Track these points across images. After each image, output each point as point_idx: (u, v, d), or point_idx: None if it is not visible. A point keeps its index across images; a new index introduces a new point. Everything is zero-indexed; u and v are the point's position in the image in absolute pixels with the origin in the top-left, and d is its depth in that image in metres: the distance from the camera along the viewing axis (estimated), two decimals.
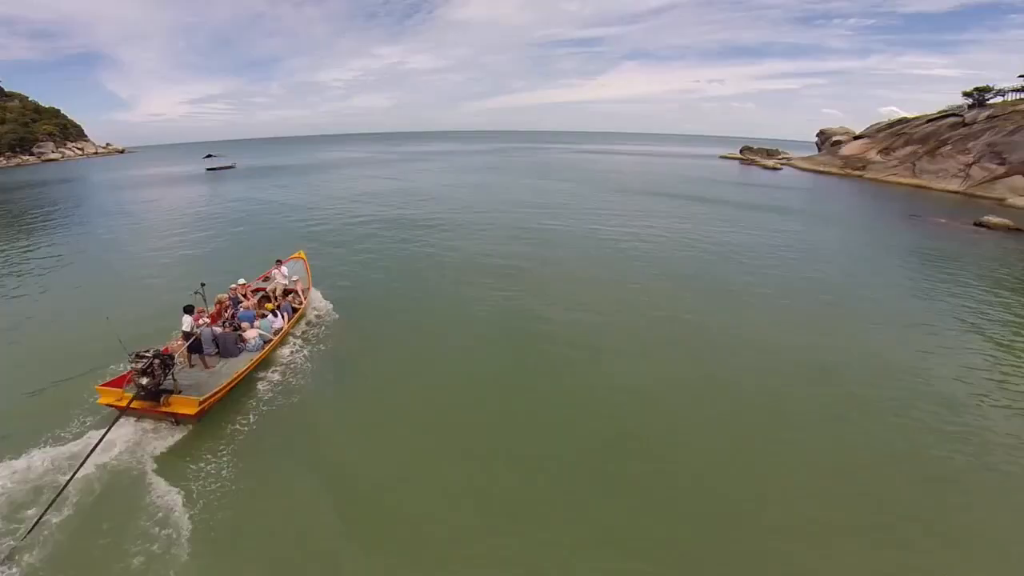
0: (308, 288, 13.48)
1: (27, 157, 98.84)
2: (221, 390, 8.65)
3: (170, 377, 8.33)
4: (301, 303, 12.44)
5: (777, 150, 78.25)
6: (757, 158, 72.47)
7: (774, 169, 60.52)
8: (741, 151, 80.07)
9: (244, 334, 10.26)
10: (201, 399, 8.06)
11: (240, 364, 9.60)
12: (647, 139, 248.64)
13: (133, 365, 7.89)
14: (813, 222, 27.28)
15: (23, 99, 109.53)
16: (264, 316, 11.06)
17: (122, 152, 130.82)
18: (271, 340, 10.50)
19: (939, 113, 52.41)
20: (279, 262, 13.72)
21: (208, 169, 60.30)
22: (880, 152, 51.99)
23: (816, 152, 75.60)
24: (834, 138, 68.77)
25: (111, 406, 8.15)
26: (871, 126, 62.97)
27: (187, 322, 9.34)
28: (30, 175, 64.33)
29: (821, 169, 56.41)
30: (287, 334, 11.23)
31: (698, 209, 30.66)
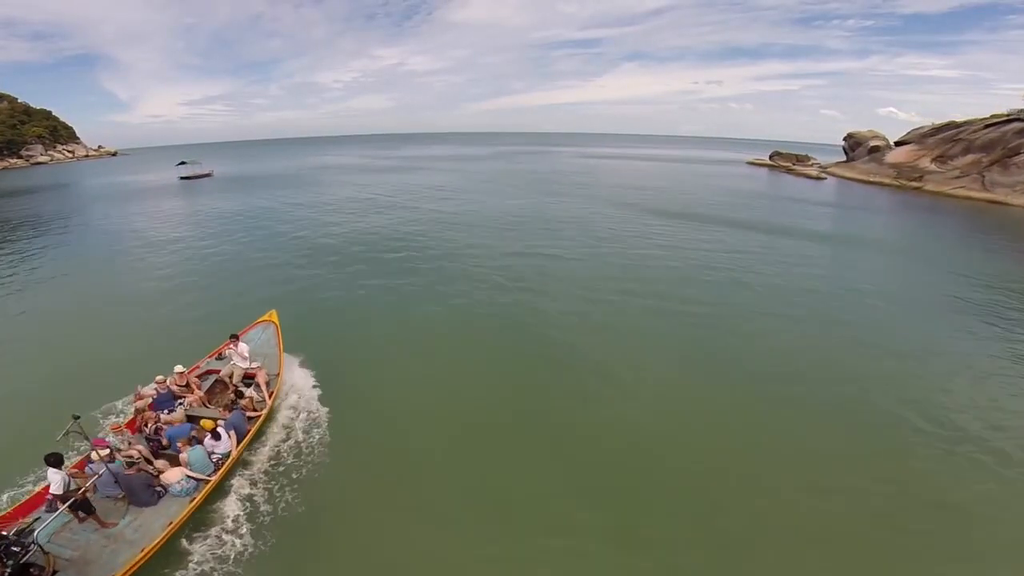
0: (280, 371, 10.03)
1: (15, 160, 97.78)
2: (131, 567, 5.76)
3: (35, 553, 5.48)
4: (264, 402, 9.09)
5: (807, 156, 74.69)
6: (793, 165, 68.81)
7: (817, 179, 56.35)
8: (771, 157, 76.45)
9: (163, 475, 7.12)
10: None
11: (156, 523, 6.66)
12: (653, 141, 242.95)
13: None
14: (911, 261, 22.43)
15: (12, 100, 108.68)
16: (199, 438, 7.81)
17: (114, 155, 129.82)
18: (209, 478, 7.32)
19: (996, 117, 48.75)
20: (235, 337, 10.15)
21: (181, 178, 55.43)
22: (935, 161, 48.33)
23: (844, 158, 73.35)
24: (871, 143, 65.57)
25: None
26: (913, 131, 59.66)
27: (56, 481, 6.35)
28: (8, 181, 61.98)
29: (871, 179, 52.56)
30: (237, 460, 7.93)
31: (773, 245, 23.50)
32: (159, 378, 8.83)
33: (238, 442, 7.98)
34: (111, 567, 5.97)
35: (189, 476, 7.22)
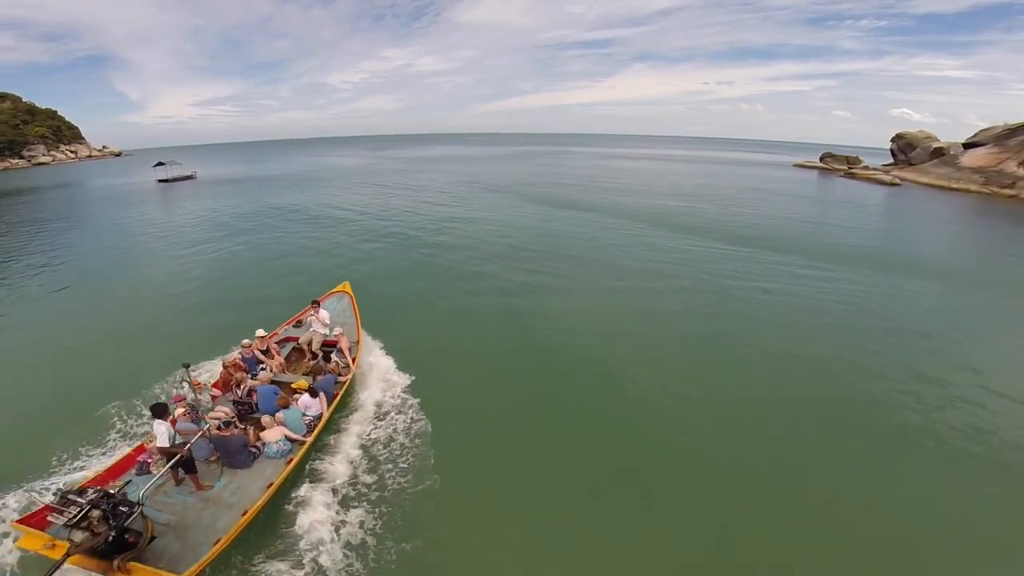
0: (358, 341, 10.40)
1: (16, 161, 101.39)
2: (220, 545, 5.66)
3: (138, 516, 5.39)
4: (348, 368, 9.32)
5: (858, 158, 73.82)
6: (848, 168, 67.93)
7: (891, 185, 54.69)
8: (822, 159, 75.81)
9: (262, 435, 7.27)
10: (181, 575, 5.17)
11: (253, 485, 6.70)
12: (667, 143, 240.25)
13: (53, 518, 5.10)
14: None
15: (16, 100, 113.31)
16: (293, 400, 7.90)
17: (118, 155, 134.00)
18: (305, 440, 7.41)
19: None
20: (316, 303, 10.67)
21: (159, 181, 53.27)
22: (1022, 165, 47.46)
23: (891, 160, 72.20)
24: (933, 145, 64.84)
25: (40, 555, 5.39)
26: (982, 131, 59.04)
27: (162, 433, 6.46)
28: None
29: (953, 186, 51.36)
30: (327, 422, 8.07)
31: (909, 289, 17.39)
32: (245, 342, 9.20)
33: (327, 405, 8.13)
34: (213, 531, 5.97)
35: (287, 437, 7.19)
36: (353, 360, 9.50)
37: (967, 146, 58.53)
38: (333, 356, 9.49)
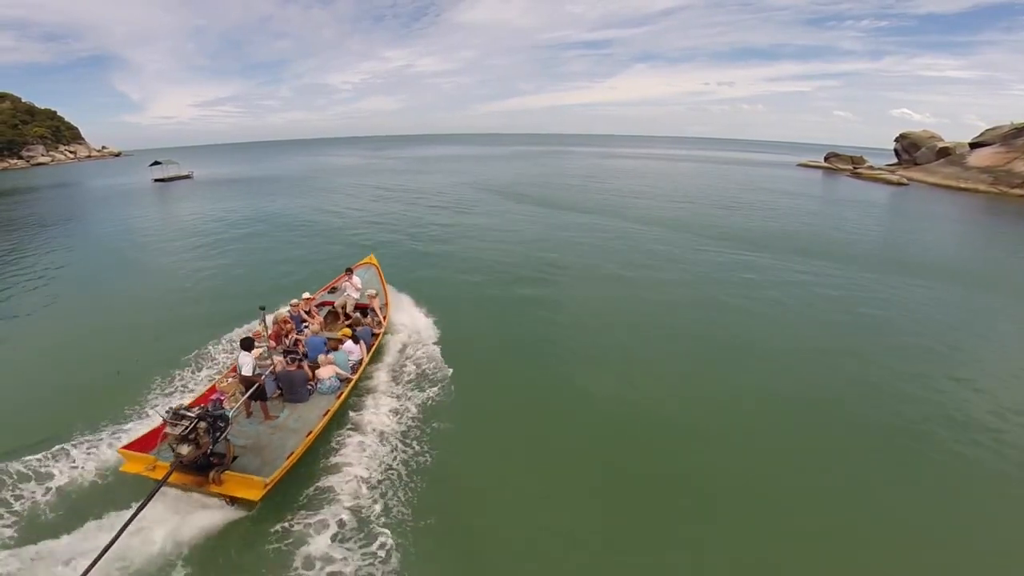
0: (386, 304, 11.98)
1: (15, 161, 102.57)
2: (292, 458, 6.79)
3: (223, 439, 6.48)
4: (380, 325, 10.85)
5: (862, 158, 74.81)
6: (854, 168, 68.88)
7: (899, 185, 55.24)
8: (826, 159, 76.93)
9: (318, 372, 8.56)
10: (267, 481, 6.25)
11: (311, 414, 7.90)
12: (668, 143, 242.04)
13: (170, 430, 6.08)
14: None
15: (15, 100, 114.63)
16: (339, 345, 9.22)
17: (118, 155, 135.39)
18: (351, 378, 8.74)
19: None
20: (349, 271, 12.23)
21: (155, 180, 53.54)
22: None
23: (895, 160, 72.91)
24: (938, 145, 65.74)
25: (142, 476, 6.48)
26: (988, 131, 59.91)
27: (247, 363, 7.65)
28: None
29: (960, 186, 52.10)
30: (366, 365, 9.48)
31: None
32: (293, 301, 10.55)
33: (366, 351, 9.54)
34: (284, 449, 7.12)
35: (338, 374, 8.46)
36: (384, 318, 11.00)
37: (974, 146, 59.30)
38: (368, 315, 11.00)
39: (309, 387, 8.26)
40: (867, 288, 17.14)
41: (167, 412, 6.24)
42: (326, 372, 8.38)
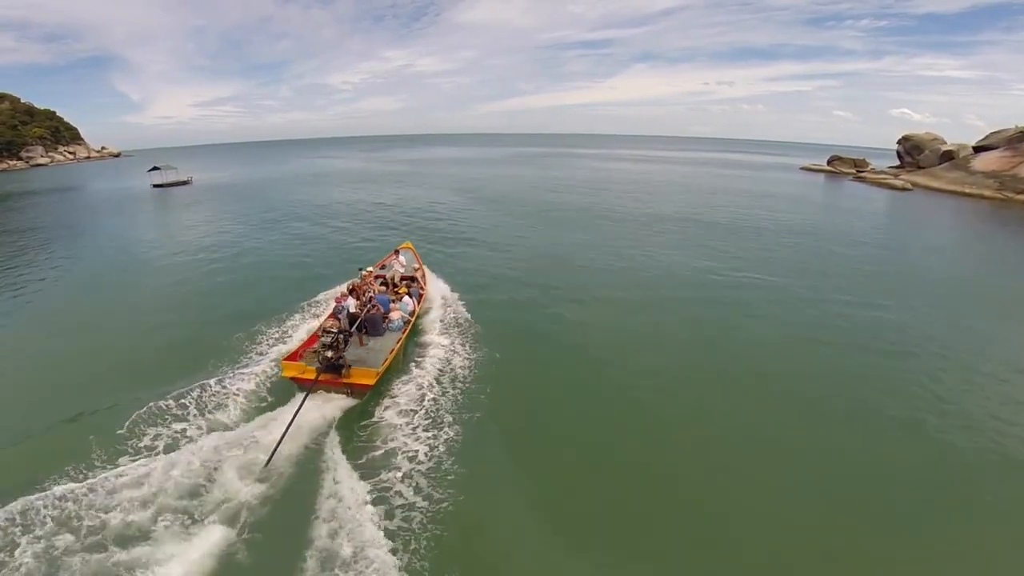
0: (424, 275, 15.81)
1: (14, 162, 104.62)
2: (387, 362, 10.22)
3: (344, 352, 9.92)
4: (423, 288, 14.61)
5: (865, 161, 76.50)
6: (857, 172, 70.73)
7: (902, 190, 55.71)
8: (829, 162, 79.16)
9: (390, 315, 11.97)
10: (378, 370, 9.69)
11: (390, 341, 11.31)
12: (669, 143, 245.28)
13: (322, 339, 9.71)
14: None
15: (14, 101, 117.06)
16: (401, 298, 13.03)
17: (117, 156, 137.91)
18: (410, 320, 12.30)
19: None
20: (396, 251, 17.03)
21: (154, 185, 54.84)
22: None
23: (898, 162, 73.04)
24: (942, 148, 66.59)
25: (296, 379, 9.93)
26: (992, 134, 60.71)
27: (353, 303, 11.35)
28: None
29: (965, 191, 52.07)
30: (417, 314, 13.30)
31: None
32: (362, 272, 13.69)
33: (417, 305, 13.22)
34: (377, 360, 10.46)
35: (403, 317, 11.95)
36: (424, 284, 14.96)
37: (978, 149, 59.28)
38: (413, 283, 14.89)
39: (385, 325, 11.61)
40: (879, 308, 16.71)
41: (318, 330, 10.07)
42: (396, 315, 11.86)
